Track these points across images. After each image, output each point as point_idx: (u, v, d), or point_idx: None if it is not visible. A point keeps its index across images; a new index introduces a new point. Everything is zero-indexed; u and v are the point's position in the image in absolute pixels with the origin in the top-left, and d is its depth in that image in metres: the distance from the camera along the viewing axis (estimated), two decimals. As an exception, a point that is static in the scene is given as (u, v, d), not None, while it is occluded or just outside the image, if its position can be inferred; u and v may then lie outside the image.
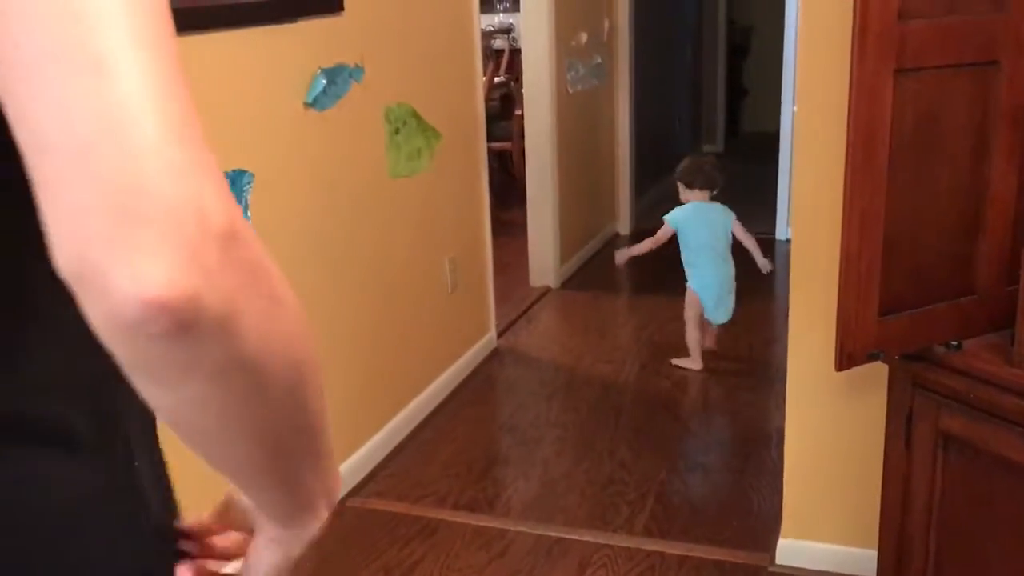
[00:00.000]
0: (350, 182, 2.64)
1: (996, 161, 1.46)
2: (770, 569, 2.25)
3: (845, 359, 1.44)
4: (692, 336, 3.42)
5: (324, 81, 2.42)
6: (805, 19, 1.97)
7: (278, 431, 0.56)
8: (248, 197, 2.17)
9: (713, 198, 3.44)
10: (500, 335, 3.78)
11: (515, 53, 6.20)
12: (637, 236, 5.31)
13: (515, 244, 4.55)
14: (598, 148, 4.95)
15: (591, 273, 4.68)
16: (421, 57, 3.01)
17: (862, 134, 1.35)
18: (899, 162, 1.40)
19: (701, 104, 7.42)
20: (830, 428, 2.12)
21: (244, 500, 0.67)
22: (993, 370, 1.43)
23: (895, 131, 1.38)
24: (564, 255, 4.47)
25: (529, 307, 4.15)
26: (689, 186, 3.43)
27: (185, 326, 0.43)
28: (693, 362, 3.42)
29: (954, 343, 1.50)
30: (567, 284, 4.47)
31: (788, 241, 4.89)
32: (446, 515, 2.55)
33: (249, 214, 2.17)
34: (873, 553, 1.78)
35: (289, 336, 0.53)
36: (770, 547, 2.29)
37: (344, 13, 2.53)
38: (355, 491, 2.67)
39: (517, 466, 2.85)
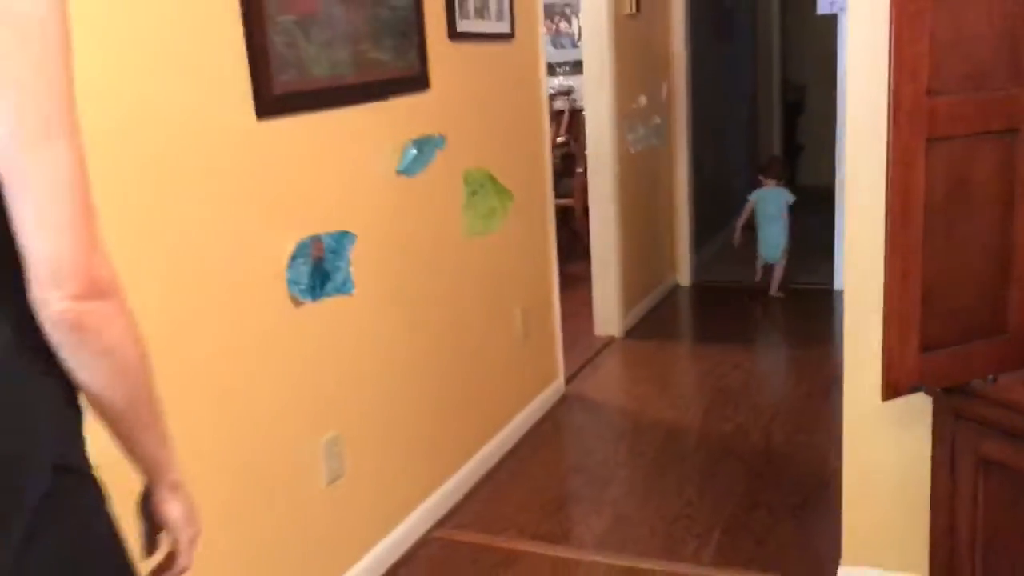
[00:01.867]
0: (433, 240, 2.90)
1: (1021, 217, 1.65)
2: (831, 597, 2.40)
3: (890, 389, 1.62)
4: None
5: (415, 151, 2.69)
6: (851, 88, 2.19)
7: (140, 396, 0.99)
8: (350, 255, 2.44)
9: (778, 184, 5.31)
10: (568, 382, 3.99)
11: (575, 114, 6.51)
12: (697, 288, 5.51)
13: (578, 296, 4.77)
14: (658, 204, 5.18)
15: (653, 323, 4.88)
16: (495, 123, 3.29)
17: (899, 198, 1.56)
18: (934, 220, 1.60)
19: (759, 160, 7.62)
20: (883, 460, 2.28)
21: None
22: (1025, 401, 1.60)
23: (929, 193, 1.58)
24: (627, 306, 4.68)
25: (595, 355, 4.36)
26: (764, 175, 5.36)
27: (75, 327, 0.87)
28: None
29: (990, 377, 1.68)
30: (631, 333, 4.68)
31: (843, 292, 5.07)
32: (525, 546, 2.75)
33: (352, 269, 2.43)
34: (926, 577, 1.94)
35: (131, 345, 0.96)
36: (831, 573, 2.44)
37: (430, 89, 2.81)
38: (439, 524, 2.88)
39: (589, 503, 3.04)
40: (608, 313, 4.59)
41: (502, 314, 3.39)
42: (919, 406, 2.05)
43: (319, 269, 2.34)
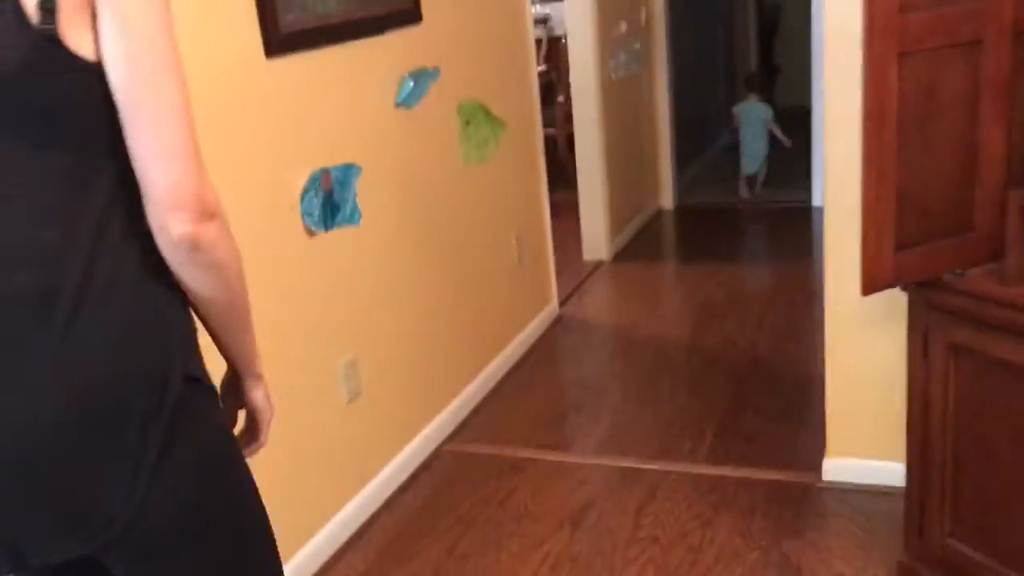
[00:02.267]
0: (431, 170, 3.03)
1: (985, 123, 1.80)
2: (818, 485, 2.60)
3: (869, 285, 1.79)
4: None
5: (412, 83, 2.80)
6: (828, 6, 2.31)
7: (240, 301, 1.14)
8: (356, 186, 2.56)
9: (760, 99, 5.79)
10: (562, 304, 4.15)
11: (552, 42, 6.55)
12: (681, 211, 5.67)
13: (565, 224, 4.90)
14: (640, 130, 5.30)
15: (640, 246, 5.04)
16: (484, 55, 3.39)
17: (874, 107, 1.70)
18: (906, 128, 1.75)
19: (736, 83, 7.71)
20: (862, 358, 2.47)
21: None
22: (990, 290, 1.77)
23: (901, 103, 1.72)
24: (614, 230, 4.83)
25: (585, 279, 4.53)
26: (748, 89, 5.86)
27: (194, 247, 1.01)
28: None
29: (958, 271, 1.84)
30: (618, 257, 4.84)
31: (822, 208, 5.23)
32: (531, 454, 2.94)
33: (358, 201, 2.56)
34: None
35: (235, 259, 1.09)
36: (817, 467, 2.65)
37: (423, 23, 2.91)
38: (450, 439, 3.07)
39: (588, 413, 3.22)
40: (596, 238, 4.74)
41: (499, 241, 3.53)
42: (893, 307, 2.23)
43: (329, 201, 2.47)
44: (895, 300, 2.12)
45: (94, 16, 0.95)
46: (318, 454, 2.45)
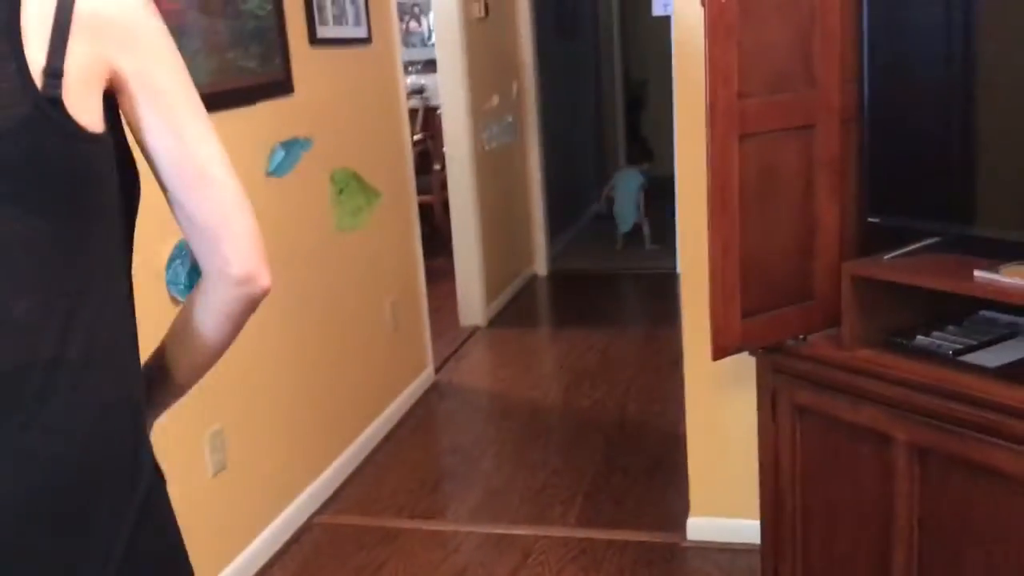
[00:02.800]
0: (304, 238, 3.03)
1: (820, 199, 1.95)
2: (683, 544, 2.69)
3: (718, 350, 1.89)
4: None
5: (283, 153, 2.82)
6: (678, 90, 2.47)
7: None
8: (225, 255, 2.54)
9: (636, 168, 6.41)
10: (437, 370, 4.18)
11: (428, 111, 6.69)
12: (554, 277, 5.80)
13: (441, 289, 4.96)
14: (514, 198, 5.44)
15: (514, 312, 5.13)
16: (358, 124, 3.44)
17: (718, 185, 1.82)
18: (748, 203, 1.88)
19: (605, 154, 8.01)
20: (721, 418, 2.59)
21: None
22: (828, 354, 1.90)
23: (743, 181, 1.85)
24: (489, 296, 4.91)
25: (461, 344, 4.57)
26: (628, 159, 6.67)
27: (266, 293, 1.07)
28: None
29: (801, 336, 1.97)
30: (493, 323, 4.91)
31: (689, 274, 5.45)
32: (404, 524, 2.93)
33: (226, 269, 2.54)
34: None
35: None
36: (682, 526, 2.73)
37: (294, 93, 2.94)
38: (321, 510, 3.02)
39: (462, 480, 3.24)
40: (471, 304, 4.81)
41: (373, 306, 3.55)
42: (745, 369, 2.34)
43: (196, 270, 2.44)
44: (746, 363, 2.24)
45: (108, 94, 0.95)
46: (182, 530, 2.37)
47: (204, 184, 1.01)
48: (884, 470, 1.83)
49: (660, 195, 6.15)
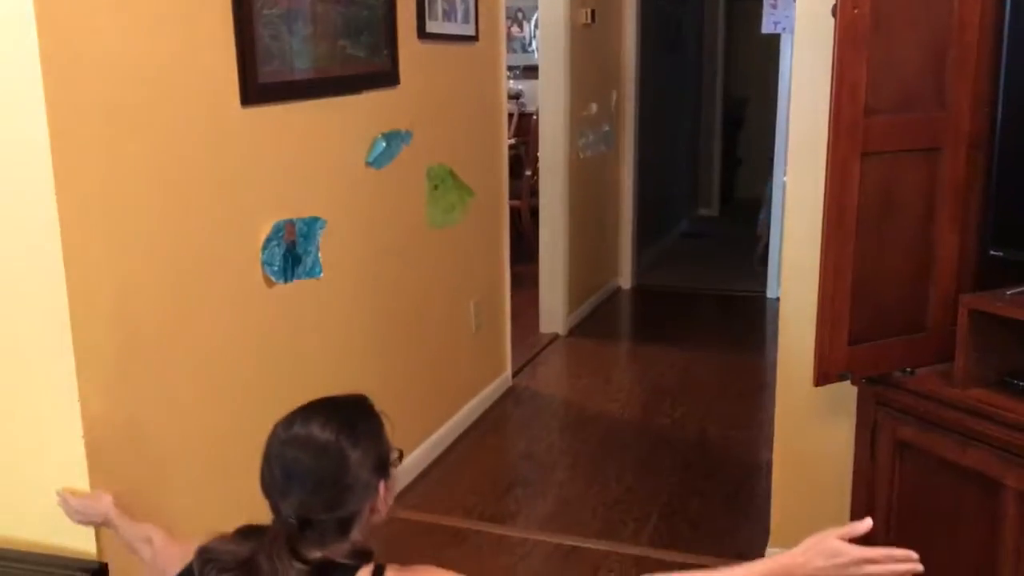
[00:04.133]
0: (396, 231, 3.03)
1: (941, 226, 1.86)
2: None
3: (821, 376, 1.81)
4: None
5: (384, 144, 2.82)
6: (795, 105, 2.38)
7: None
8: (320, 240, 2.55)
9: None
10: (515, 375, 4.14)
11: (523, 117, 6.67)
12: (638, 291, 5.72)
13: (523, 295, 4.91)
14: (604, 209, 5.38)
15: (596, 323, 5.07)
16: (457, 122, 3.43)
17: (835, 203, 1.75)
18: (864, 225, 1.80)
19: (698, 171, 7.89)
20: (810, 449, 2.48)
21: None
22: (938, 390, 1.80)
23: (861, 201, 1.77)
24: (571, 305, 4.85)
25: (540, 351, 4.53)
26: None
27: None
28: None
29: (908, 369, 1.88)
30: (574, 332, 4.85)
31: (777, 299, 5.32)
32: (474, 525, 2.89)
33: (320, 255, 2.55)
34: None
35: None
36: (759, 555, 2.63)
37: (399, 85, 2.94)
38: (393, 502, 3.00)
39: (535, 487, 3.19)
40: (553, 311, 4.76)
41: (457, 306, 3.53)
42: (843, 400, 2.25)
43: (291, 252, 2.46)
44: (845, 394, 2.15)
45: None
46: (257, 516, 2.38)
47: None
48: (990, 517, 1.72)
49: (747, 218, 6.04)
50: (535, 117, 5.83)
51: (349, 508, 1.23)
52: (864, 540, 2.06)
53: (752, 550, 2.68)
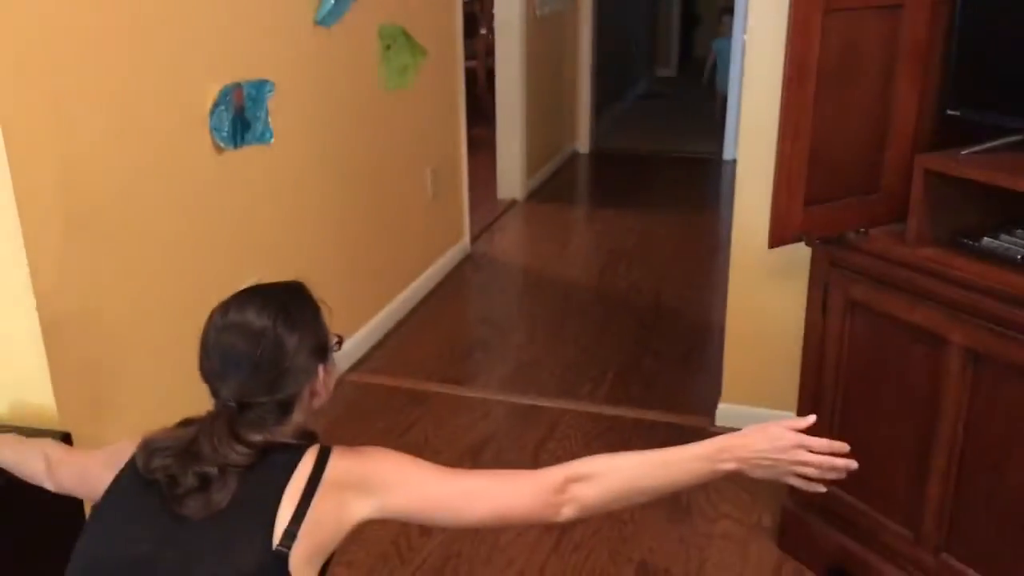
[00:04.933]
0: (348, 93, 2.94)
1: (900, 85, 1.84)
2: (711, 429, 2.68)
3: (776, 239, 1.83)
4: None
5: (333, 0, 2.70)
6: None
7: None
8: (269, 103, 2.47)
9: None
10: (473, 241, 4.14)
11: (478, -28, 6.43)
12: (596, 155, 5.68)
13: (480, 160, 4.87)
14: (561, 71, 5.26)
15: (554, 188, 5.05)
16: (409, -21, 3.30)
17: (797, 61, 1.72)
18: (824, 85, 1.77)
19: (657, 30, 7.73)
20: (762, 309, 2.54)
21: None
22: (890, 250, 1.83)
23: (822, 61, 1.75)
24: (530, 170, 4.81)
25: (498, 217, 4.52)
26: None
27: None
28: None
29: (862, 230, 1.90)
30: (532, 197, 4.83)
31: (734, 161, 5.33)
32: (434, 387, 2.94)
33: (270, 119, 2.47)
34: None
35: None
36: (711, 412, 2.72)
37: (347, -62, 2.80)
38: (353, 368, 3.04)
39: (494, 350, 3.24)
40: (511, 177, 4.73)
41: (414, 172, 3.48)
42: (795, 260, 2.28)
43: (240, 117, 2.38)
44: (798, 255, 2.17)
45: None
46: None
47: (466, 507, 1.23)
48: (935, 372, 1.78)
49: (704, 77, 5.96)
50: (489, -27, 5.63)
51: (288, 391, 1.23)
52: (816, 391, 2.13)
53: (704, 406, 2.77)
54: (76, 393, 1.88)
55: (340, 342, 1.36)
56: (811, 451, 1.20)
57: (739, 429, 1.24)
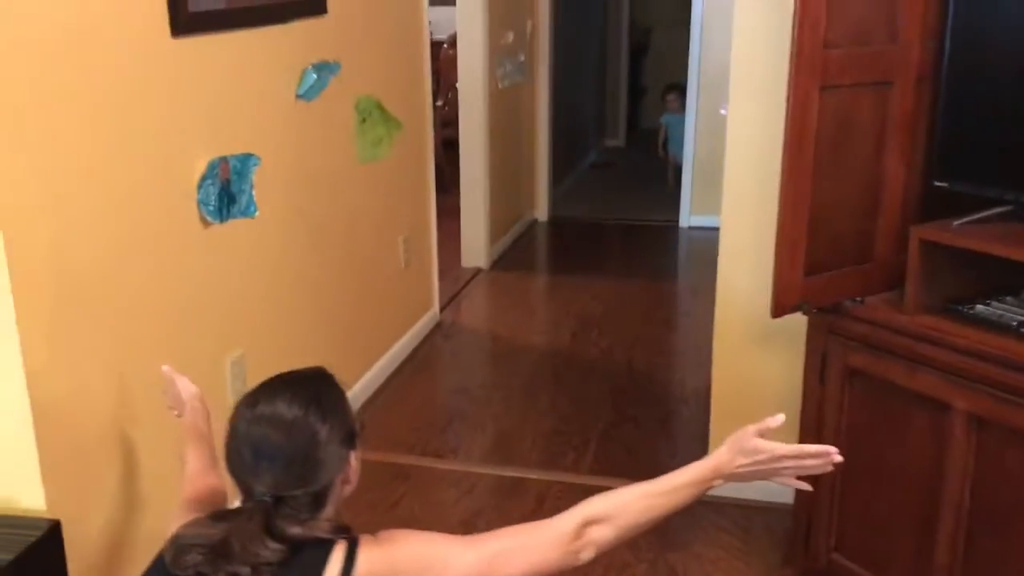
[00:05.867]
0: (326, 166, 2.94)
1: (890, 158, 1.90)
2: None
3: (778, 308, 1.86)
4: None
5: (315, 76, 2.71)
6: (739, 34, 2.37)
7: None
8: (253, 177, 2.45)
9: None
10: (442, 310, 4.12)
11: (434, 46, 6.51)
12: (554, 223, 5.73)
13: (441, 228, 4.84)
14: (520, 140, 5.34)
15: (516, 256, 5.07)
16: (383, 53, 3.33)
17: (796, 134, 1.77)
18: (821, 157, 1.83)
19: (605, 101, 7.90)
20: (750, 378, 2.56)
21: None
22: (889, 318, 1.87)
23: (819, 135, 1.80)
24: (493, 238, 4.83)
25: (464, 285, 4.51)
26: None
27: None
28: None
29: (858, 298, 1.94)
30: (496, 265, 4.85)
31: (690, 228, 5.42)
32: (416, 461, 2.89)
33: (254, 192, 2.45)
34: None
35: None
36: (698, 480, 2.71)
37: (327, 14, 2.82)
38: (331, 443, 2.97)
39: (472, 421, 3.20)
40: (475, 245, 4.74)
41: (387, 242, 3.47)
42: (783, 329, 2.31)
43: (226, 191, 2.35)
44: (785, 321, 2.20)
45: None
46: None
47: (501, 571, 1.25)
48: (939, 437, 1.81)
49: (653, 147, 6.13)
50: (445, 45, 5.71)
51: (322, 482, 1.20)
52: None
53: (691, 474, 2.76)
54: (65, 479, 1.80)
55: (363, 427, 1.34)
56: (788, 458, 1.30)
57: (726, 499, 1.33)
